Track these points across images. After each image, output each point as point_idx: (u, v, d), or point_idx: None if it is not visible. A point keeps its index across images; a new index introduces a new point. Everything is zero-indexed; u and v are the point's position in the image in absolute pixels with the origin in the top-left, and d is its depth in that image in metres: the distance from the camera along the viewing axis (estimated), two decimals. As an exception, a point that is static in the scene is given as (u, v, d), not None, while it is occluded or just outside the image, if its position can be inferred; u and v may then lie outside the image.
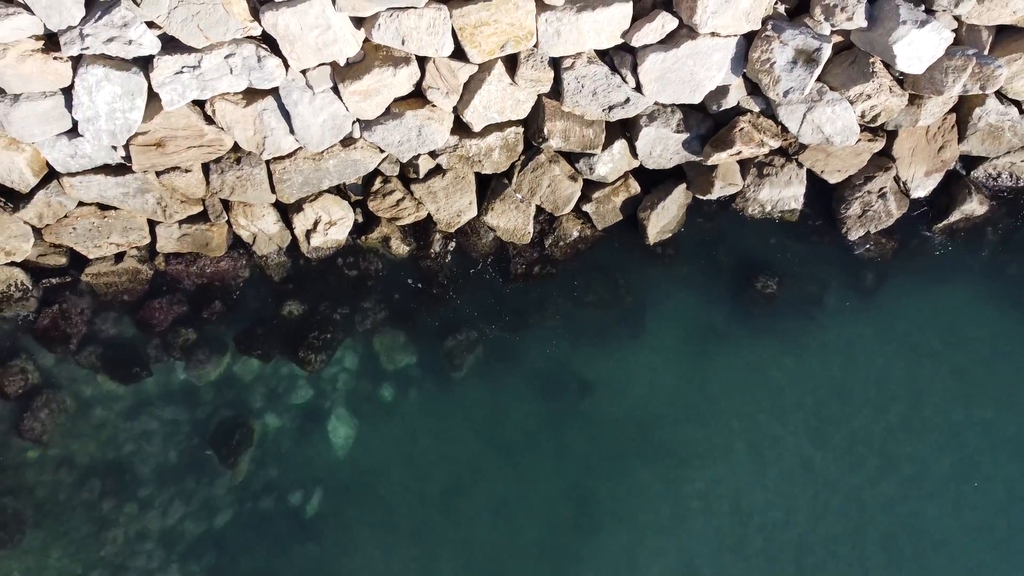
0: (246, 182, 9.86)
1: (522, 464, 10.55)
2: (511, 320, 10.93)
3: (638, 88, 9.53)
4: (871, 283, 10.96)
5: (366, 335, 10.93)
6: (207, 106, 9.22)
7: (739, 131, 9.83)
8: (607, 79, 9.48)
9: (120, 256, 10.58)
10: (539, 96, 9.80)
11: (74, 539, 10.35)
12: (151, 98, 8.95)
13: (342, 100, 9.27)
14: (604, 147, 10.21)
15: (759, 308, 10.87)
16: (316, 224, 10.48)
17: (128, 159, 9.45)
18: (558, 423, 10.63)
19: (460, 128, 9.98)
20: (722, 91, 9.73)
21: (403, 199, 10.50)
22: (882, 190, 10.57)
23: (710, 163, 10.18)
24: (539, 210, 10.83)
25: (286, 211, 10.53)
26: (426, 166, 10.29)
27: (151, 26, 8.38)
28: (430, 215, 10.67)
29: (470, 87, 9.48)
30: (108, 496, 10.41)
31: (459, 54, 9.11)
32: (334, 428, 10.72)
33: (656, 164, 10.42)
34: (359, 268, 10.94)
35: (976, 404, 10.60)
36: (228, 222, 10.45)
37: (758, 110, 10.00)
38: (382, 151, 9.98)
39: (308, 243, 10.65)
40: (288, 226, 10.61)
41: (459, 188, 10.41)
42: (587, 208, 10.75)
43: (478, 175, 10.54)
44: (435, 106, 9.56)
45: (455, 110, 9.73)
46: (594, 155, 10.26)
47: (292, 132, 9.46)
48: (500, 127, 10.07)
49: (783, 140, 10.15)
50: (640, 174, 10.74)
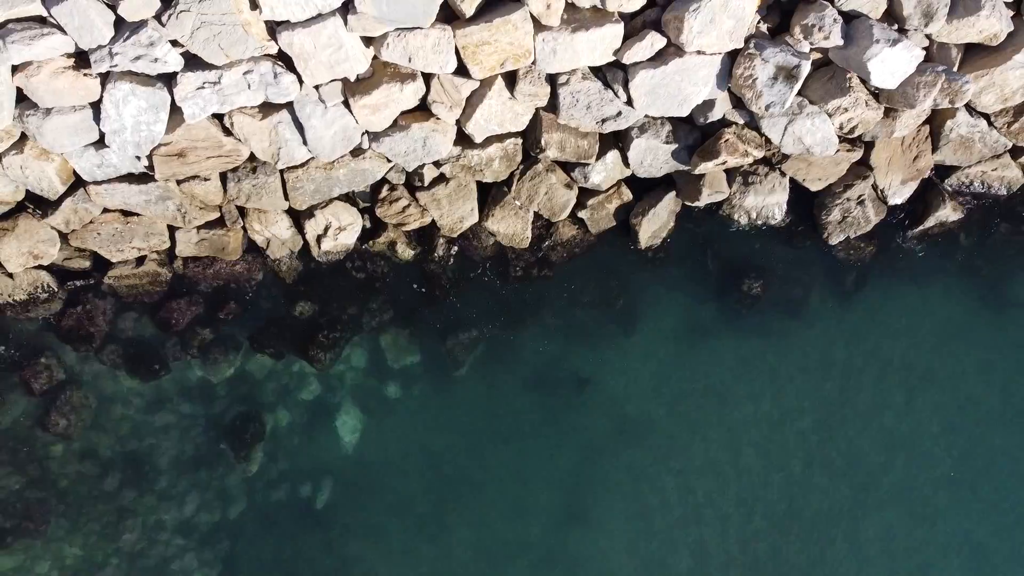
0: (261, 190, 9.98)
1: (520, 455, 10.70)
2: (510, 320, 11.07)
3: (629, 102, 9.67)
4: (851, 285, 11.19)
5: (373, 334, 11.05)
6: (226, 119, 9.35)
7: (725, 142, 9.99)
8: (600, 94, 9.64)
9: (141, 259, 10.61)
10: (537, 110, 9.91)
11: (96, 528, 10.51)
12: (173, 111, 9.10)
13: (352, 113, 9.39)
14: (598, 157, 10.31)
15: (745, 308, 11.07)
16: (327, 229, 10.55)
17: (151, 168, 9.59)
18: (555, 417, 10.81)
19: (462, 139, 10.07)
20: (708, 105, 9.89)
21: (409, 206, 10.55)
22: (861, 197, 10.78)
23: (698, 172, 10.32)
24: (537, 216, 10.90)
25: (298, 217, 10.56)
26: (430, 175, 10.36)
27: (175, 45, 8.61)
28: (434, 221, 10.73)
29: (472, 101, 9.61)
30: (128, 487, 10.61)
31: (462, 71, 9.26)
32: (342, 423, 10.89)
33: (647, 173, 10.53)
34: (366, 271, 11.02)
35: (949, 395, 10.84)
36: (243, 227, 10.51)
37: (743, 122, 10.13)
38: (389, 161, 10.08)
39: (319, 247, 10.72)
40: (300, 231, 10.65)
41: (461, 195, 10.52)
42: (582, 214, 10.84)
43: (479, 183, 10.61)
44: (439, 119, 9.67)
45: (458, 123, 9.84)
46: (588, 164, 10.37)
47: (305, 143, 9.58)
48: (500, 138, 10.17)
49: (766, 150, 10.31)
50: (632, 182, 10.84)
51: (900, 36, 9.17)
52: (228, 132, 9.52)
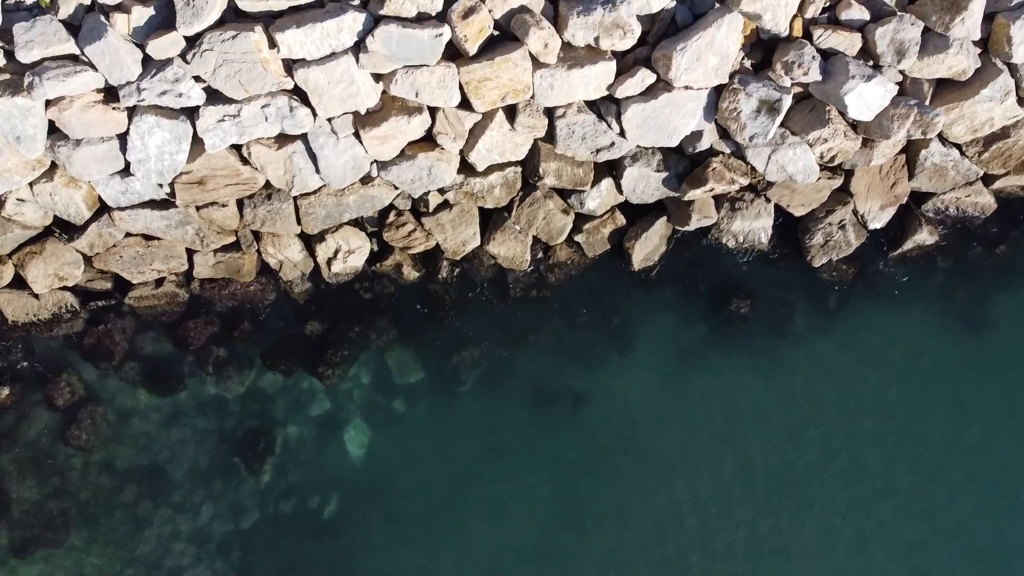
0: (275, 215, 10.20)
1: (519, 467, 10.82)
2: (510, 339, 11.21)
3: (622, 133, 9.93)
4: (834, 305, 11.37)
5: (379, 352, 11.19)
6: (244, 149, 9.62)
7: (712, 170, 10.25)
8: (595, 126, 9.91)
9: (160, 281, 10.80)
10: (535, 140, 10.17)
11: (114, 538, 10.64)
12: (195, 142, 9.36)
13: (362, 144, 9.66)
14: (593, 184, 10.51)
15: (733, 327, 11.23)
16: (336, 252, 10.73)
17: (172, 195, 9.84)
18: (552, 431, 10.93)
19: (465, 168, 10.31)
20: (696, 135, 10.15)
21: (414, 230, 10.72)
22: (842, 222, 11.01)
23: (687, 198, 10.55)
24: (535, 240, 11.05)
25: (310, 241, 10.74)
26: (435, 201, 10.55)
27: (198, 80, 8.94)
28: (438, 244, 10.90)
29: (475, 133, 9.88)
30: (145, 498, 10.75)
31: (465, 104, 9.52)
32: (350, 437, 11.01)
33: (639, 199, 10.74)
34: (374, 292, 11.17)
35: (928, 409, 10.99)
36: (258, 251, 10.70)
37: (729, 152, 10.37)
38: (396, 188, 10.31)
39: (329, 269, 10.89)
40: (311, 254, 10.83)
41: (464, 220, 10.72)
42: (578, 238, 11.02)
43: (481, 209, 10.76)
44: (444, 149, 9.93)
45: (461, 152, 10.10)
46: (584, 191, 10.57)
47: (318, 171, 9.82)
48: (501, 167, 10.39)
49: (752, 178, 10.55)
50: (625, 208, 11.02)
51: (875, 72, 9.51)
52: (245, 161, 9.77)
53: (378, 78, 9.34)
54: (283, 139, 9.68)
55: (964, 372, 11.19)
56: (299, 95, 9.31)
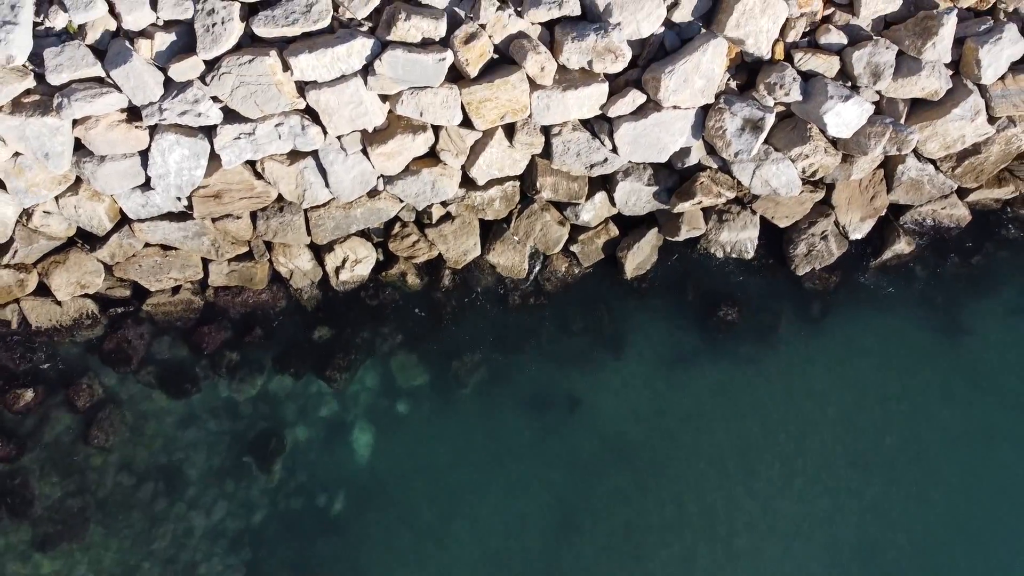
0: (287, 227, 10.46)
1: (518, 467, 10.94)
2: (509, 344, 11.36)
3: (614, 150, 10.23)
4: (817, 312, 11.60)
5: (385, 357, 11.32)
6: (258, 164, 9.93)
7: (700, 184, 10.56)
8: (589, 143, 10.21)
9: (177, 289, 11.07)
10: (533, 156, 10.45)
11: (131, 534, 10.70)
12: (212, 158, 9.73)
13: (370, 160, 9.95)
14: (587, 198, 10.78)
15: (721, 333, 11.43)
16: (344, 262, 10.96)
17: (190, 208, 10.14)
18: (549, 434, 11.06)
19: (467, 182, 10.57)
20: (685, 152, 10.45)
21: (418, 241, 10.95)
22: (824, 233, 11.33)
23: (677, 211, 10.84)
24: (533, 250, 11.28)
25: (319, 251, 10.99)
26: (438, 213, 10.80)
27: (216, 101, 9.30)
28: (441, 254, 11.13)
29: (475, 149, 10.17)
30: (160, 497, 10.83)
31: (467, 123, 9.85)
32: (356, 438, 11.10)
33: (631, 211, 11.00)
34: (380, 299, 11.35)
35: (906, 410, 11.12)
36: (270, 260, 10.95)
37: (716, 167, 10.68)
38: (401, 201, 10.56)
39: (337, 278, 11.11)
40: (320, 263, 11.06)
41: (465, 232, 10.94)
42: (574, 248, 11.27)
43: (482, 221, 11.01)
44: (446, 165, 10.20)
45: (463, 168, 10.37)
46: (579, 204, 10.84)
47: (327, 186, 10.11)
48: (500, 181, 10.65)
49: (738, 191, 10.85)
50: (618, 220, 11.29)
51: (852, 93, 9.89)
52: (259, 176, 10.08)
53: (385, 99, 9.65)
54: (295, 155, 9.96)
55: (940, 374, 11.38)
56: (311, 114, 9.63)
